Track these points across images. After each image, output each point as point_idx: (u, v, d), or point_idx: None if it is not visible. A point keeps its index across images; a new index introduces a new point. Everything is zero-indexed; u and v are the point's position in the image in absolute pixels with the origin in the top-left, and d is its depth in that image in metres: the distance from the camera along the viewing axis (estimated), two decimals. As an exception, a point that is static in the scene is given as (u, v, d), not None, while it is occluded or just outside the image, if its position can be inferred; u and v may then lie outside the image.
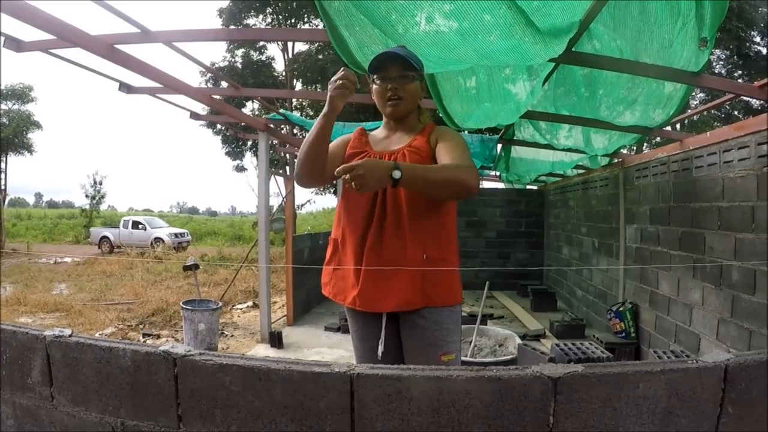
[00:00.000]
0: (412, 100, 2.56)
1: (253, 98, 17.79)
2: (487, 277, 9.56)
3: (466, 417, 1.40)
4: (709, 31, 3.14)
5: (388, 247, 2.44)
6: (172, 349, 1.59)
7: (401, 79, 2.50)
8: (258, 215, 7.90)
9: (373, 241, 2.46)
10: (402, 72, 2.49)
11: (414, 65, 2.49)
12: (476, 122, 5.19)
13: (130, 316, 9.79)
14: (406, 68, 2.49)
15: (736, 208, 4.44)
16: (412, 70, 2.50)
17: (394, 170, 2.08)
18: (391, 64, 2.47)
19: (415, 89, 2.55)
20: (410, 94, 2.53)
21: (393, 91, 2.51)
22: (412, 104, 2.58)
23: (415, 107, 2.62)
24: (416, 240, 2.43)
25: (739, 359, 1.45)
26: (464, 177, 2.25)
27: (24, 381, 1.82)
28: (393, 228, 2.44)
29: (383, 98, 2.54)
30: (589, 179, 8.93)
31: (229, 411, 1.52)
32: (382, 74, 2.51)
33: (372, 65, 2.50)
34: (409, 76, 2.50)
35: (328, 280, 2.69)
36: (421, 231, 2.44)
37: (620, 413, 1.40)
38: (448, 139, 2.51)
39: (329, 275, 2.68)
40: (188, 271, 8.01)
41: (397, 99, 2.52)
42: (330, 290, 2.67)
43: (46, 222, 45.01)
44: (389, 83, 2.50)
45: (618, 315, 6.75)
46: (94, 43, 3.88)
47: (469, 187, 2.25)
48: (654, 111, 4.68)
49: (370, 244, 2.46)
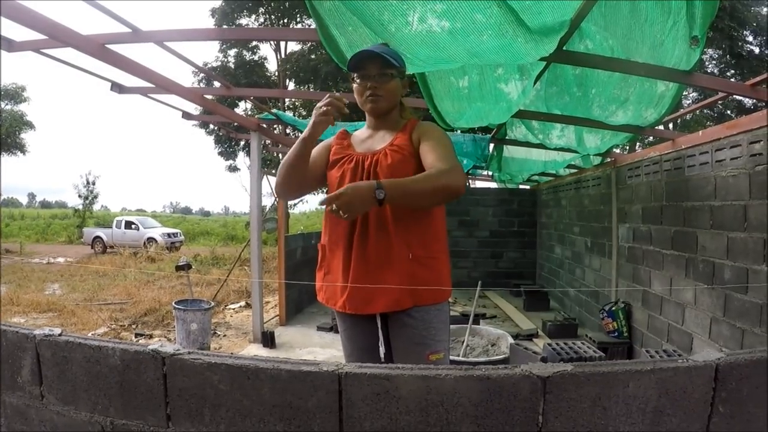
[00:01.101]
0: (391, 98, 2.56)
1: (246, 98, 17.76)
2: (479, 276, 9.61)
3: (454, 416, 1.39)
4: (700, 29, 3.15)
5: (373, 249, 2.45)
6: (161, 348, 1.58)
7: (380, 77, 2.50)
8: (251, 215, 7.89)
9: (359, 243, 2.46)
10: (381, 70, 2.49)
11: (393, 63, 2.49)
12: (468, 121, 5.18)
13: (122, 316, 9.76)
14: (385, 66, 2.49)
15: (729, 207, 4.45)
16: (392, 67, 2.50)
17: (377, 191, 2.10)
18: (371, 62, 2.48)
19: (394, 87, 2.55)
20: (389, 92, 2.53)
21: (372, 89, 2.51)
22: (392, 102, 2.58)
23: (395, 104, 2.62)
24: (401, 239, 2.44)
25: (729, 358, 1.45)
26: (448, 182, 2.26)
27: (14, 380, 1.81)
28: (377, 229, 2.44)
29: (363, 96, 2.55)
30: (581, 179, 8.95)
31: (217, 410, 1.51)
32: (361, 72, 2.51)
33: (351, 64, 2.51)
34: (387, 74, 2.50)
35: (320, 286, 2.70)
36: (406, 230, 2.45)
37: (610, 412, 1.39)
38: (431, 137, 2.50)
39: (321, 280, 2.68)
40: (181, 271, 7.99)
41: (376, 97, 2.52)
42: (323, 296, 2.68)
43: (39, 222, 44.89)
44: (368, 81, 2.51)
45: (611, 314, 6.76)
46: (86, 42, 3.86)
47: (455, 191, 2.27)
48: (646, 110, 4.69)
49: (356, 246, 2.46)
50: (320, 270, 2.69)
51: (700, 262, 4.92)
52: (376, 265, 2.44)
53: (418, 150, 2.48)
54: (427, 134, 2.52)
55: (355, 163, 2.56)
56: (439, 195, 2.28)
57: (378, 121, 2.66)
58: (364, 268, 2.45)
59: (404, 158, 2.46)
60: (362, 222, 2.46)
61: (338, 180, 2.57)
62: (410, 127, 2.59)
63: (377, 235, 2.44)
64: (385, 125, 2.65)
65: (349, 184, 2.14)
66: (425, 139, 2.49)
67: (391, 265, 2.43)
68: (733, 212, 4.39)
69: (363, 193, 2.09)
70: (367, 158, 2.54)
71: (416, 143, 2.50)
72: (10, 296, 11.21)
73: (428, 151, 2.43)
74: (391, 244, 2.43)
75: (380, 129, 2.66)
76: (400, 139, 2.54)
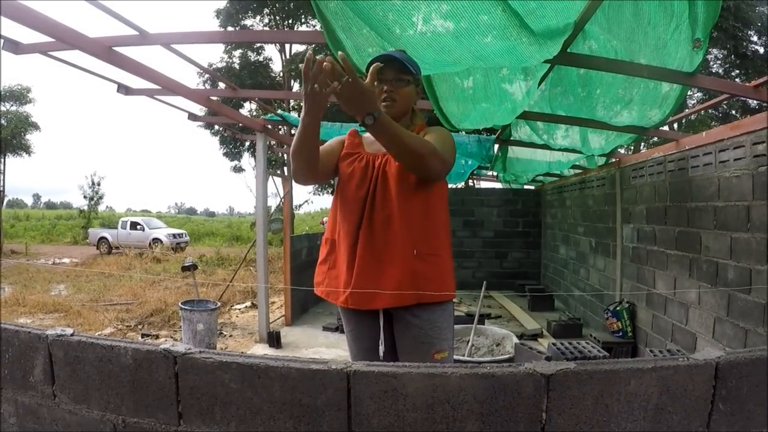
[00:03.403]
0: (405, 103, 2.58)
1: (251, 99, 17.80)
2: (484, 276, 9.60)
3: (460, 413, 1.42)
4: (703, 31, 3.17)
5: (378, 244, 2.48)
6: (172, 348, 1.61)
7: (396, 82, 2.52)
8: (256, 216, 7.91)
9: (365, 239, 2.50)
10: (398, 75, 2.52)
11: (410, 69, 2.52)
12: (473, 123, 5.20)
13: (128, 316, 9.80)
14: (403, 71, 2.52)
15: (732, 208, 4.47)
16: (408, 74, 2.53)
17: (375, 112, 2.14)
18: (389, 66, 2.49)
19: (409, 93, 2.58)
20: (404, 97, 2.56)
21: (387, 93, 2.53)
22: (405, 107, 2.60)
23: (407, 110, 2.64)
24: (406, 236, 2.47)
25: (730, 357, 1.47)
26: (427, 154, 2.31)
27: (26, 380, 1.84)
28: (382, 226, 2.48)
29: (378, 99, 2.57)
30: (585, 179, 8.95)
31: (228, 408, 1.54)
32: (379, 76, 2.52)
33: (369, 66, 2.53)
34: (404, 80, 2.53)
35: (321, 280, 2.71)
36: (411, 227, 2.48)
37: (612, 410, 1.42)
38: (435, 132, 2.56)
39: (323, 275, 2.70)
40: (187, 271, 8.02)
41: (391, 101, 2.54)
42: (323, 290, 2.69)
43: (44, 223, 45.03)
44: (384, 84, 2.53)
45: (615, 314, 6.77)
46: (92, 45, 3.89)
47: (428, 166, 2.35)
48: (650, 111, 4.70)
49: (362, 242, 2.50)
50: (323, 264, 2.71)
51: (703, 262, 4.93)
52: (380, 261, 2.47)
53: None
54: (432, 131, 2.57)
55: (366, 162, 2.60)
56: (413, 157, 2.31)
57: None
58: (368, 264, 2.48)
59: None
60: (368, 218, 2.50)
61: (348, 176, 2.61)
62: (418, 130, 2.62)
63: (382, 232, 2.48)
64: None
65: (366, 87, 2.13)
66: (429, 133, 2.54)
67: (394, 261, 2.46)
68: (736, 213, 4.41)
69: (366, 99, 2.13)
70: (378, 158, 2.58)
71: None
72: (16, 297, 11.26)
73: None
74: (395, 241, 2.47)
75: None
76: None
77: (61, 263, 20.31)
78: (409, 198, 2.49)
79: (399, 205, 2.48)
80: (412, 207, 2.49)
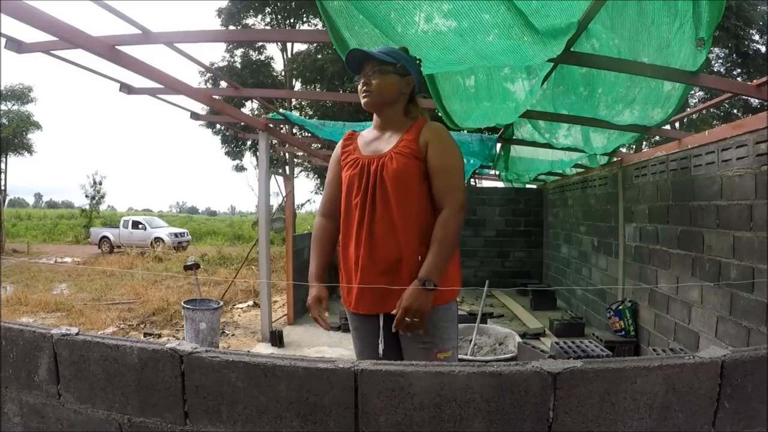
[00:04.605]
0: (382, 93, 2.60)
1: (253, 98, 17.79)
2: (486, 275, 9.59)
3: (467, 412, 1.42)
4: (706, 31, 3.17)
5: (382, 251, 2.51)
6: (179, 347, 1.61)
7: (372, 74, 2.59)
8: (258, 215, 7.90)
9: (368, 246, 2.53)
10: (375, 68, 2.58)
11: (387, 60, 2.58)
12: (475, 122, 5.19)
13: (131, 315, 9.81)
14: (382, 63, 2.58)
15: (734, 207, 4.46)
16: (388, 64, 2.58)
17: (425, 287, 2.35)
18: (368, 62, 2.61)
19: (387, 82, 2.59)
20: (379, 87, 2.59)
21: (364, 85, 2.61)
22: (384, 97, 2.62)
23: (389, 100, 2.64)
24: (408, 241, 2.49)
25: (735, 355, 1.47)
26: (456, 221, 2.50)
27: (30, 379, 1.84)
28: (385, 231, 2.51)
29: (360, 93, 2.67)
30: (588, 178, 8.95)
31: (234, 407, 1.54)
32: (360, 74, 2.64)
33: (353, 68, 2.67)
34: (384, 70, 2.58)
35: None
36: (413, 232, 2.50)
37: (618, 408, 1.42)
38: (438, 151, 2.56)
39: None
40: (189, 270, 8.02)
41: (367, 93, 2.61)
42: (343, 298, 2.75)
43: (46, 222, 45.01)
44: (362, 78, 2.62)
45: (617, 313, 6.76)
46: (95, 44, 3.88)
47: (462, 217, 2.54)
48: (653, 110, 4.69)
49: (365, 249, 2.53)
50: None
51: (706, 261, 4.93)
52: (385, 266, 2.50)
53: (425, 154, 2.53)
54: (434, 146, 2.56)
55: (360, 168, 2.61)
56: (458, 232, 2.53)
57: (383, 121, 2.70)
58: (374, 270, 2.51)
59: (408, 162, 2.51)
60: (369, 224, 2.53)
61: (346, 185, 2.65)
62: (417, 127, 2.61)
63: (385, 237, 2.51)
64: (391, 126, 2.68)
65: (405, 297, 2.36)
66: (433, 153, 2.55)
67: (400, 266, 2.48)
68: (738, 212, 4.40)
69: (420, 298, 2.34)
70: (373, 162, 2.58)
71: (423, 148, 2.54)
72: (19, 296, 11.25)
73: (435, 174, 2.54)
74: (399, 246, 2.49)
75: (386, 130, 2.69)
76: (406, 141, 2.57)
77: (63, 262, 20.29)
78: (409, 200, 2.51)
79: (399, 210, 2.50)
80: (412, 210, 2.51)
